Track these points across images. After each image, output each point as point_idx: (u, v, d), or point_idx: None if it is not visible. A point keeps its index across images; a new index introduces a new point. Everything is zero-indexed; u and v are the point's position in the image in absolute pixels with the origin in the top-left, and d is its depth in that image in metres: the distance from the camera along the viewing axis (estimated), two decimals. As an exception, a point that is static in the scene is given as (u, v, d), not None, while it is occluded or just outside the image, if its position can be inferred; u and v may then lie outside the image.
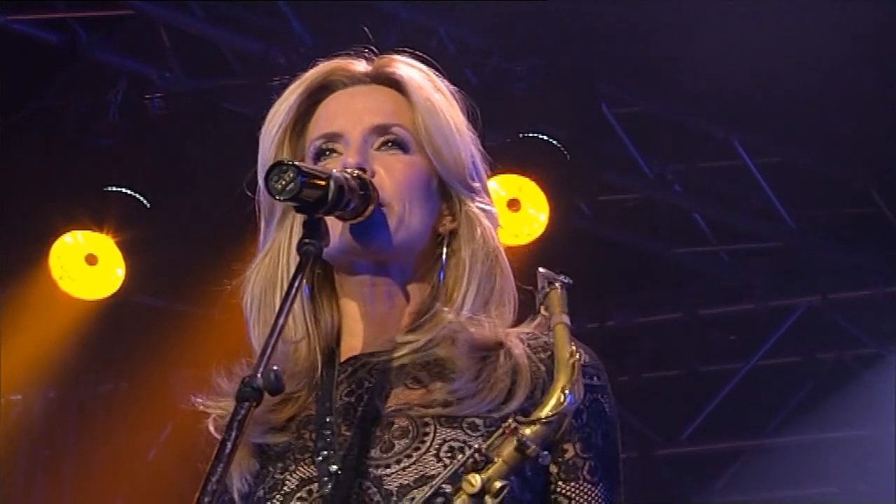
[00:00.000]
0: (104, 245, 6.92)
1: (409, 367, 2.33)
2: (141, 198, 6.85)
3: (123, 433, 8.15)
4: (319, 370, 2.35)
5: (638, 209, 7.50)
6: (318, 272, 2.39)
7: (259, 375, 2.11)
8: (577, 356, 2.16)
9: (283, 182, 2.20)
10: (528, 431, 2.12)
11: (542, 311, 2.22)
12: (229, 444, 2.06)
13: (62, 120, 6.64)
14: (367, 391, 2.33)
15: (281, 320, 2.16)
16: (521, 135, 6.53)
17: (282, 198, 2.21)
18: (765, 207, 7.54)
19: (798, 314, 8.05)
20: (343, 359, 2.37)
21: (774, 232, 7.66)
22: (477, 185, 2.41)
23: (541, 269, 2.24)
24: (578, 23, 6.47)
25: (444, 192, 2.40)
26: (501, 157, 7.25)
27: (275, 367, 2.12)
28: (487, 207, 2.40)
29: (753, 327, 8.10)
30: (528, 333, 2.35)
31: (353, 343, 2.38)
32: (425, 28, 6.69)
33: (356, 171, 2.30)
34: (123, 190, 6.85)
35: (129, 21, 6.53)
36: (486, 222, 2.39)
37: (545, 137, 6.55)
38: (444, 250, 2.37)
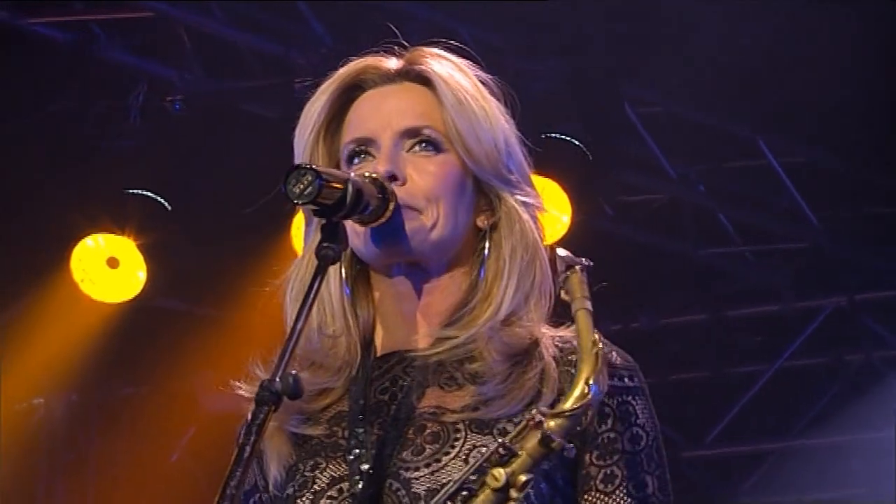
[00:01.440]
0: (126, 248, 6.96)
1: (445, 364, 2.34)
2: (162, 200, 6.88)
3: (146, 437, 8.17)
4: (357, 365, 2.37)
5: (662, 210, 7.50)
6: (356, 267, 2.41)
7: (278, 379, 2.12)
8: (601, 345, 2.13)
9: (302, 186, 2.21)
10: (552, 424, 2.10)
11: (563, 295, 2.19)
12: (248, 449, 2.08)
13: (82, 122, 6.64)
14: (401, 389, 2.34)
15: (299, 325, 2.18)
16: (542, 135, 6.53)
17: (300, 201, 2.21)
18: (790, 207, 7.53)
19: (824, 315, 8.04)
20: (378, 354, 2.39)
21: (800, 232, 7.65)
22: (514, 176, 2.39)
23: (559, 251, 2.24)
24: (600, 22, 6.48)
25: (481, 187, 2.39)
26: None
27: (293, 371, 2.13)
28: (526, 199, 2.39)
29: (779, 328, 8.08)
30: (561, 337, 2.34)
31: (388, 338, 2.39)
32: (445, 28, 6.69)
33: (374, 174, 2.31)
34: (144, 192, 6.88)
35: (149, 22, 6.55)
36: (525, 215, 2.37)
37: (567, 138, 6.58)
38: (487, 245, 2.37)
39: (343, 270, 2.40)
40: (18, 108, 6.55)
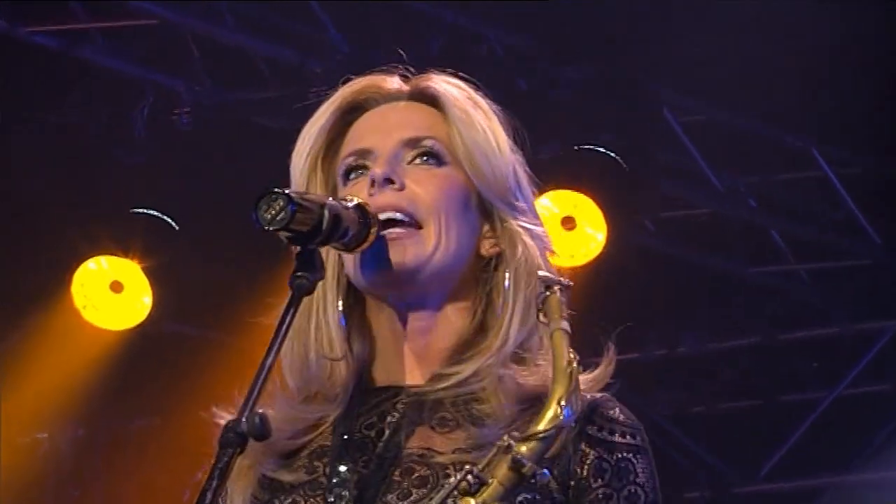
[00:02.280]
0: (130, 271, 6.99)
1: (443, 403, 2.34)
2: (169, 220, 6.89)
3: (157, 472, 8.18)
4: (347, 397, 2.38)
5: (707, 225, 7.45)
6: (351, 298, 2.42)
7: (244, 420, 2.11)
8: (576, 364, 2.15)
9: (273, 211, 2.22)
10: (523, 449, 2.10)
11: (541, 317, 2.21)
12: (209, 495, 2.07)
13: (84, 137, 6.67)
14: (389, 426, 2.35)
15: (269, 360, 2.17)
16: (575, 146, 6.54)
17: (272, 228, 2.22)
18: (848, 221, 7.47)
19: (886, 338, 7.99)
20: (372, 387, 2.40)
21: (859, 248, 7.58)
22: (521, 204, 2.41)
23: (539, 273, 2.26)
24: (636, 24, 6.46)
25: (486, 210, 2.41)
26: (554, 171, 7.23)
27: (260, 411, 2.13)
28: (531, 226, 2.41)
29: (837, 353, 8.02)
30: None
31: (384, 373, 2.40)
32: (472, 32, 6.72)
33: (357, 201, 2.32)
34: (150, 212, 6.90)
35: (155, 30, 6.57)
36: (528, 241, 2.39)
37: (602, 149, 6.56)
38: (494, 275, 2.39)
39: (340, 301, 2.41)
40: (15, 122, 6.58)
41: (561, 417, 2.11)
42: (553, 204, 6.44)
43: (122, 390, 7.58)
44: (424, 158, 2.39)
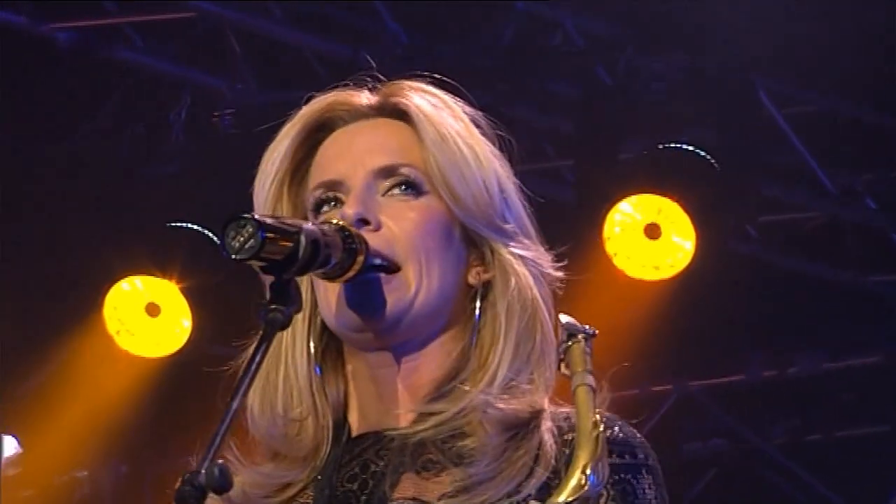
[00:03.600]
0: (167, 292, 7.00)
1: (427, 445, 2.35)
2: (210, 234, 6.90)
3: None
4: (325, 450, 2.39)
5: (818, 231, 7.39)
6: (325, 338, 2.44)
7: (202, 471, 2.11)
8: (602, 427, 2.14)
9: (242, 238, 2.22)
10: None
11: (563, 369, 2.21)
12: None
13: (117, 144, 6.74)
14: (372, 476, 2.36)
15: (235, 403, 2.17)
16: (661, 145, 6.49)
17: (240, 257, 2.22)
18: (981, 223, 7.40)
19: None
20: (353, 435, 2.42)
21: None
22: (509, 226, 2.42)
23: (562, 318, 2.24)
24: (731, 8, 6.38)
25: (472, 238, 2.43)
26: (636, 173, 7.16)
27: (220, 461, 2.13)
28: (523, 252, 2.42)
29: (973, 372, 7.92)
30: (563, 412, 2.36)
31: (362, 418, 2.42)
32: (548, 20, 6.73)
33: (339, 223, 2.33)
34: (189, 225, 6.90)
35: (192, 24, 6.61)
36: (520, 269, 2.41)
37: (691, 147, 6.51)
38: (478, 304, 2.40)
39: (312, 344, 2.42)
40: (41, 130, 6.64)
41: (586, 487, 2.11)
42: (635, 210, 6.41)
43: (164, 423, 7.60)
44: (403, 188, 2.42)
